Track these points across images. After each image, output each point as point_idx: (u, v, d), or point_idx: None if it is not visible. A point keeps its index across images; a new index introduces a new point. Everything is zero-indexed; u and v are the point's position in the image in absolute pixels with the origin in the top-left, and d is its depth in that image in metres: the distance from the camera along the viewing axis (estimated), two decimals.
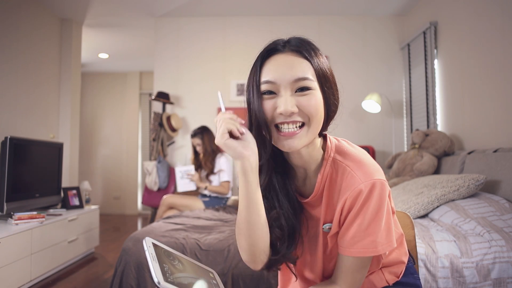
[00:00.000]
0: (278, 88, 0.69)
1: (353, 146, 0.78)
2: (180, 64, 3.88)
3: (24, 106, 3.22)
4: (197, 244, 1.84)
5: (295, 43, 0.72)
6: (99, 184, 5.86)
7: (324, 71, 0.71)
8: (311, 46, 0.73)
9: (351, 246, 0.70)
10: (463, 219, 1.74)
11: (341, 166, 0.73)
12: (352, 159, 0.73)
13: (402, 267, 0.85)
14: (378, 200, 0.68)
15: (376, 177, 0.68)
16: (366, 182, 0.68)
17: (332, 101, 0.72)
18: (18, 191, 2.55)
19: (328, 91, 0.71)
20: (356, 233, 0.69)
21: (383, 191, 0.68)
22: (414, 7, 3.56)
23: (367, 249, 0.69)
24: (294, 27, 3.82)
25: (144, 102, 5.98)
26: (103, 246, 3.48)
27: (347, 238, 0.71)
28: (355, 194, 0.68)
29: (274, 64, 0.70)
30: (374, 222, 0.68)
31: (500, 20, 2.26)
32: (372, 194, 0.67)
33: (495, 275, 1.42)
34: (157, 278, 0.58)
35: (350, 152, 0.75)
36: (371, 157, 0.76)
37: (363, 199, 0.68)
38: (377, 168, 0.72)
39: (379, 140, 3.73)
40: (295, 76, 0.68)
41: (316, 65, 0.70)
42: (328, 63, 0.74)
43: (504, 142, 2.24)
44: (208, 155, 3.00)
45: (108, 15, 3.78)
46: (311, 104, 0.68)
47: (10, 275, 2.13)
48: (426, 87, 3.22)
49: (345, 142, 0.79)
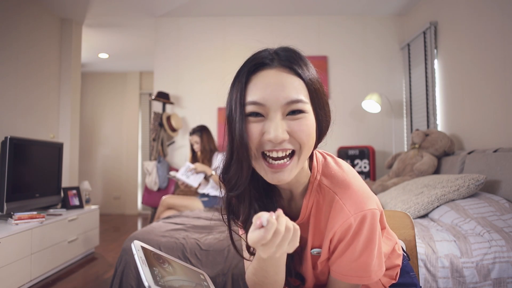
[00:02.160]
0: (267, 111, 0.60)
1: (340, 167, 0.71)
2: (180, 64, 3.88)
3: (24, 106, 3.22)
4: (197, 244, 1.84)
5: (285, 56, 0.63)
6: (99, 184, 5.86)
7: (316, 87, 0.63)
8: (302, 59, 0.64)
9: (345, 272, 0.68)
10: (463, 219, 1.74)
11: (329, 193, 0.68)
12: (340, 184, 0.67)
13: (397, 269, 0.84)
14: (369, 231, 0.65)
15: (366, 208, 0.64)
16: (356, 214, 0.63)
17: (324, 119, 0.65)
18: (18, 191, 2.54)
19: (320, 112, 0.64)
20: (348, 262, 0.67)
21: (374, 221, 0.65)
22: (414, 7, 3.56)
23: (361, 278, 0.67)
24: (294, 27, 3.82)
25: (144, 102, 5.98)
26: (103, 246, 3.48)
27: (339, 265, 0.68)
28: (345, 228, 0.64)
29: (263, 82, 0.61)
30: (367, 251, 0.66)
31: (500, 20, 2.26)
32: (362, 227, 0.64)
33: (495, 275, 1.42)
34: (147, 283, 0.56)
35: (337, 175, 0.69)
36: (359, 177, 0.70)
37: (353, 233, 0.64)
38: (366, 194, 0.66)
39: (379, 140, 3.73)
40: (287, 98, 0.60)
41: (309, 82, 0.62)
42: (316, 74, 0.66)
43: (504, 142, 2.24)
44: (206, 153, 3.01)
45: (108, 15, 3.78)
46: (303, 129, 0.61)
47: (10, 275, 2.13)
48: (426, 87, 3.22)
49: (332, 160, 0.73)
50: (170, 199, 3.00)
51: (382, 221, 0.75)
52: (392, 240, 0.83)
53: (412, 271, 0.88)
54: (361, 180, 0.70)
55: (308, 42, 3.80)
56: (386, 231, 0.82)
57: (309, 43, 3.79)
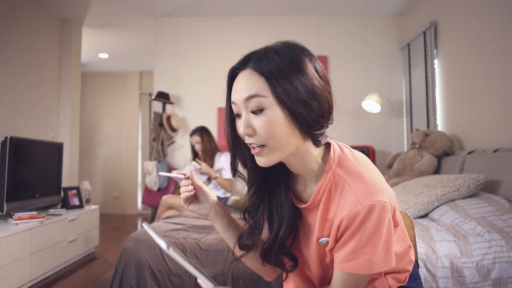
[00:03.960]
0: (240, 109, 0.68)
1: (356, 158, 0.73)
2: (180, 64, 3.88)
3: (24, 106, 3.22)
4: (197, 244, 1.84)
5: (257, 57, 0.66)
6: (99, 184, 5.86)
7: (280, 77, 0.63)
8: (266, 52, 0.66)
9: (346, 262, 0.68)
10: (463, 219, 1.74)
11: (341, 182, 0.70)
12: (353, 175, 0.69)
13: (407, 274, 0.83)
14: (376, 222, 0.65)
15: (375, 199, 0.64)
16: (364, 203, 0.64)
17: (308, 115, 0.65)
18: (18, 191, 2.54)
19: (289, 100, 0.63)
20: (351, 251, 0.67)
21: (383, 213, 0.65)
22: (414, 7, 3.56)
23: (361, 267, 0.67)
24: (294, 27, 3.82)
25: (144, 102, 5.98)
26: (103, 246, 3.48)
27: (342, 254, 0.69)
28: (352, 215, 0.65)
29: (235, 84, 0.69)
30: (371, 242, 0.66)
31: (500, 20, 2.26)
32: (369, 216, 0.64)
33: (495, 275, 1.42)
34: (165, 244, 0.66)
35: (352, 166, 0.70)
36: (375, 169, 0.71)
37: (360, 221, 0.65)
38: (379, 187, 0.67)
39: (379, 140, 3.73)
40: (243, 96, 0.65)
41: (268, 75, 0.64)
42: (287, 62, 0.65)
43: (504, 142, 2.24)
44: (207, 152, 3.01)
45: (108, 15, 3.78)
46: (262, 126, 0.64)
47: (10, 275, 2.13)
48: (426, 87, 3.22)
49: (349, 152, 0.74)
50: (171, 199, 3.00)
51: (395, 218, 0.74)
52: (406, 242, 0.82)
53: (419, 279, 0.87)
54: (376, 172, 0.71)
55: (308, 42, 3.79)
56: (401, 232, 0.81)
57: (309, 43, 3.76)
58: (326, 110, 0.68)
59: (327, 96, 0.68)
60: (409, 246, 0.83)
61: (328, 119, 0.70)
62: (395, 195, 0.80)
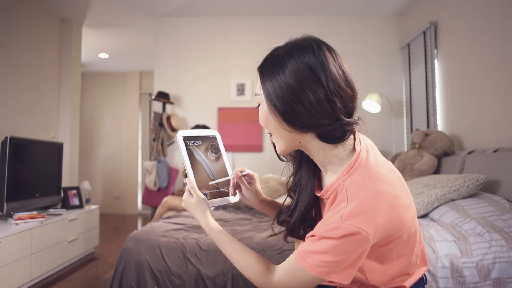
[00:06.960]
0: None
1: (373, 178, 0.68)
2: (180, 64, 3.88)
3: (24, 106, 3.22)
4: (197, 244, 1.84)
5: (264, 58, 0.77)
6: (99, 184, 5.86)
7: (266, 74, 0.72)
8: (269, 57, 0.74)
9: (300, 248, 0.70)
10: (463, 219, 1.74)
11: (344, 193, 0.69)
12: (358, 194, 0.67)
13: (406, 278, 0.80)
14: (346, 245, 0.64)
15: (357, 225, 0.63)
16: (347, 224, 0.63)
17: (286, 109, 0.69)
18: (18, 191, 2.54)
19: (272, 94, 0.71)
20: (307, 240, 0.70)
21: (357, 242, 0.63)
22: (414, 7, 3.56)
23: (298, 256, 0.69)
24: (294, 27, 3.82)
25: (144, 102, 5.98)
26: (103, 246, 3.48)
27: (303, 244, 0.71)
28: (331, 227, 0.65)
29: None
30: (325, 245, 0.65)
31: (500, 20, 2.26)
32: (344, 237, 0.63)
33: (495, 275, 1.42)
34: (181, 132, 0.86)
35: (362, 186, 0.68)
36: (383, 198, 0.66)
37: (333, 233, 0.65)
38: (368, 217, 0.63)
39: (379, 140, 3.73)
40: (255, 92, 0.79)
41: (260, 74, 0.74)
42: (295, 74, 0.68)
43: (504, 142, 2.24)
44: None
45: (108, 15, 3.78)
46: (260, 117, 0.77)
47: (10, 275, 2.13)
48: (426, 87, 3.22)
49: (373, 165, 0.71)
50: (173, 200, 2.99)
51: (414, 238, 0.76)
52: (405, 260, 0.77)
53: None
54: (380, 201, 0.66)
55: None
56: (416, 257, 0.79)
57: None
58: (317, 107, 0.67)
59: (320, 94, 0.67)
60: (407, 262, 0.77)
61: (327, 118, 0.69)
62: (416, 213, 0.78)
